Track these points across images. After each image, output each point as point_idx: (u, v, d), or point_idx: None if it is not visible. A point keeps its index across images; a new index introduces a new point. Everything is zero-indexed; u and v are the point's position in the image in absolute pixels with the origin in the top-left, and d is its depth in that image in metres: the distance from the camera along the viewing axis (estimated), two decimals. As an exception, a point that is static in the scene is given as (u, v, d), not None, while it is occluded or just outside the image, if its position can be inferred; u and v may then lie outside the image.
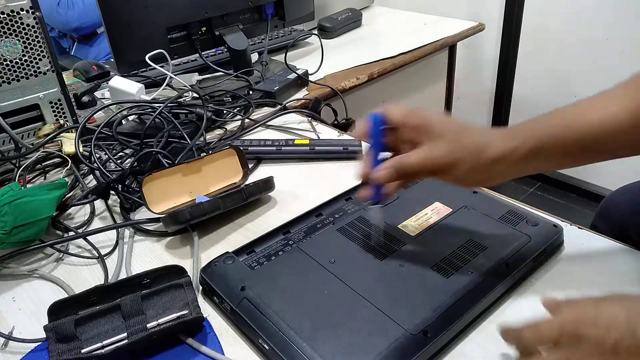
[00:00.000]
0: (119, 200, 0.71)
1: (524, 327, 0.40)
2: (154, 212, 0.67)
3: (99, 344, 0.48)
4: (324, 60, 1.20)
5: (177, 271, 0.54)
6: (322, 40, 1.24)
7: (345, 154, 0.82)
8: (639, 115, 0.47)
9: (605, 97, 0.50)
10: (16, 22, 0.76)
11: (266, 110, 1.00)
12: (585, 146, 0.49)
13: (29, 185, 0.73)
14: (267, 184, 0.71)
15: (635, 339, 0.34)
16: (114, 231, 0.67)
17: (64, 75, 0.84)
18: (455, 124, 0.49)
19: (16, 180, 0.72)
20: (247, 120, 0.94)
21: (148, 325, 0.49)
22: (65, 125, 0.84)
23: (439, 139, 0.48)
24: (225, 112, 0.95)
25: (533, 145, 0.48)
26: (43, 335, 0.49)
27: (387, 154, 0.52)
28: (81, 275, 0.61)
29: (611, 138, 0.48)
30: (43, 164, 0.80)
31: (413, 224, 0.60)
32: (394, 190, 0.53)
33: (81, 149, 0.75)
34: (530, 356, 0.39)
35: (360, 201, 0.64)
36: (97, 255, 0.63)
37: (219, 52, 1.25)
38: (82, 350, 0.47)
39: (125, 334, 0.48)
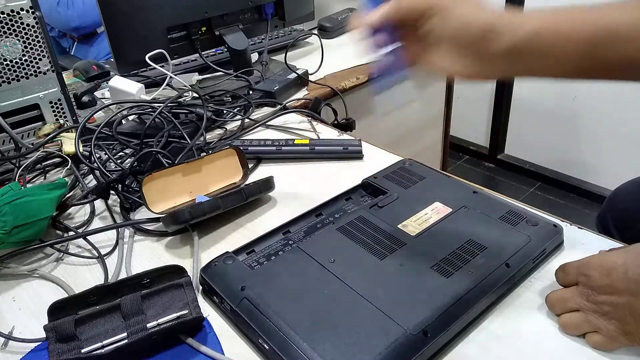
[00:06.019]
0: (119, 200, 0.71)
1: (557, 269, 0.52)
2: (154, 212, 0.67)
3: (99, 344, 0.48)
4: (324, 60, 1.20)
5: (177, 271, 0.54)
6: (322, 40, 1.24)
7: (345, 154, 0.82)
8: None
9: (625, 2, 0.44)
10: (16, 22, 0.76)
11: (266, 110, 1.00)
12: (595, 44, 0.42)
13: (29, 185, 0.73)
14: (267, 184, 0.71)
15: (628, 281, 0.43)
16: (114, 231, 0.67)
17: (64, 75, 0.84)
18: None
19: (16, 180, 0.72)
20: (247, 120, 0.94)
21: (148, 325, 0.49)
22: (65, 125, 0.84)
23: None
24: (225, 112, 0.95)
25: (536, 26, 0.43)
26: (43, 335, 0.49)
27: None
28: (81, 275, 0.61)
29: (624, 41, 0.42)
30: (43, 163, 0.80)
31: (413, 224, 0.60)
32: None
33: (81, 149, 0.75)
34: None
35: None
36: (97, 255, 0.63)
37: (219, 52, 1.25)
38: (82, 350, 0.47)
39: (125, 334, 0.48)
